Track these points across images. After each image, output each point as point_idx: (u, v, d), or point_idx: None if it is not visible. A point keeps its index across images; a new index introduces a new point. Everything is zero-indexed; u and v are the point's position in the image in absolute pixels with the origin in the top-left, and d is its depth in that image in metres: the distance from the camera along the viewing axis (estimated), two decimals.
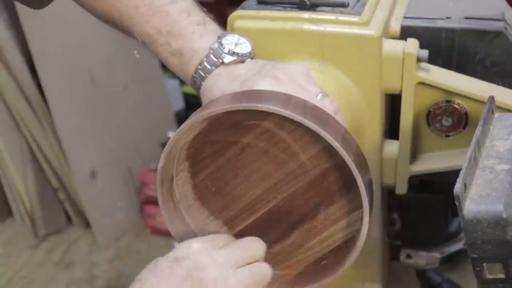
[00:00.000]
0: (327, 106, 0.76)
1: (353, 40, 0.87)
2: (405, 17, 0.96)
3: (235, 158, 0.75)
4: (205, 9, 0.87)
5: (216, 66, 0.81)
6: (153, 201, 2.31)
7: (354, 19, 0.88)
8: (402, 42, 0.89)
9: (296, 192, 0.74)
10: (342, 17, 0.88)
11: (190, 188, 0.78)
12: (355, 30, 0.87)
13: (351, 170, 0.68)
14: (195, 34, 0.82)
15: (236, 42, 0.82)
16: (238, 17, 0.91)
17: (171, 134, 2.16)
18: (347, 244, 0.76)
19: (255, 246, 0.73)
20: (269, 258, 0.75)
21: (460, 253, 1.47)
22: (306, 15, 0.89)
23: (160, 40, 0.84)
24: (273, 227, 0.77)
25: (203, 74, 0.81)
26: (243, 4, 0.94)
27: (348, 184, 0.71)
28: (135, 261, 2.26)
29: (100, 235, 2.33)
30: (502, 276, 0.66)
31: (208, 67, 0.81)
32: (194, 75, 0.82)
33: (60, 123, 2.20)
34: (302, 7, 0.90)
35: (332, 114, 0.73)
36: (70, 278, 2.22)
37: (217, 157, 0.76)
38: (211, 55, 0.81)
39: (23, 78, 2.22)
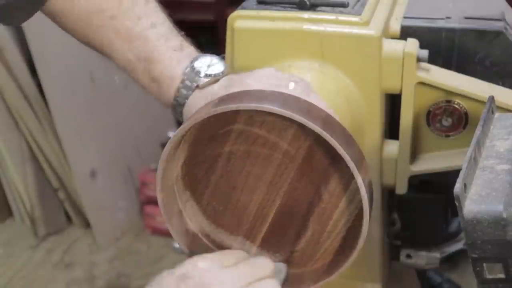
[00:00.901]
0: (297, 89, 0.77)
1: (353, 40, 0.87)
2: (405, 17, 0.96)
3: (225, 171, 0.76)
4: (183, 33, 0.88)
5: (192, 90, 0.82)
6: (153, 201, 2.31)
7: (354, 19, 0.88)
8: (402, 42, 0.89)
9: (293, 182, 0.74)
10: (342, 17, 0.88)
11: (201, 215, 0.79)
12: (355, 30, 0.87)
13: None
14: (172, 60, 0.84)
15: (208, 64, 0.83)
16: (238, 17, 0.91)
17: (171, 134, 2.16)
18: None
19: (263, 266, 0.71)
20: (299, 256, 0.76)
21: (460, 253, 1.47)
22: (306, 15, 0.89)
23: (139, 66, 0.85)
24: (289, 224, 0.76)
25: (181, 100, 0.83)
26: (243, 4, 0.94)
27: (334, 156, 0.70)
28: (135, 261, 2.27)
29: (100, 235, 2.33)
30: (502, 276, 0.66)
31: (184, 92, 0.82)
32: (173, 102, 0.84)
33: (60, 123, 2.20)
34: (302, 7, 0.90)
35: (302, 96, 0.74)
36: (70, 278, 2.22)
37: (209, 176, 0.77)
38: (186, 81, 0.82)
39: (23, 78, 2.22)
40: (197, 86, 0.82)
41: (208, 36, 2.95)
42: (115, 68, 0.93)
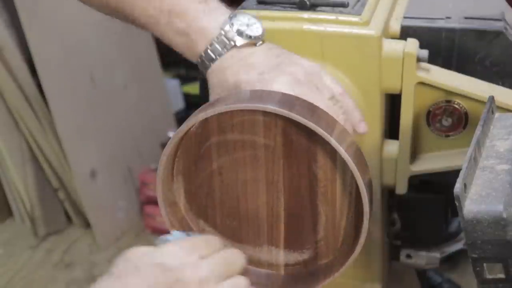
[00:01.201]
0: (338, 112, 0.76)
1: (353, 40, 0.87)
2: (405, 17, 0.96)
3: (223, 186, 0.76)
4: None
5: (228, 49, 0.78)
6: (153, 201, 2.31)
7: (354, 19, 0.88)
8: (402, 42, 0.89)
9: (286, 171, 0.74)
10: (342, 17, 0.88)
11: (222, 237, 0.78)
12: (355, 30, 0.87)
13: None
14: (198, 11, 0.80)
15: (247, 23, 0.80)
16: None
17: (171, 134, 2.16)
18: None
19: (236, 259, 0.68)
20: (324, 245, 0.76)
21: (460, 253, 1.47)
22: (306, 15, 0.89)
23: (163, 20, 0.81)
24: (302, 215, 0.76)
25: (213, 56, 0.79)
26: (243, 4, 0.94)
27: (309, 132, 0.70)
28: None
29: (100, 235, 2.33)
30: (502, 276, 0.66)
31: (219, 48, 0.78)
32: (203, 55, 0.79)
33: (60, 123, 2.20)
34: (302, 7, 0.90)
35: (342, 121, 0.74)
36: (70, 278, 2.22)
37: (212, 198, 0.77)
38: (222, 37, 0.78)
39: (23, 78, 2.22)
40: (235, 45, 0.78)
41: None
42: (115, 68, 0.92)
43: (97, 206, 2.32)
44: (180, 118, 2.66)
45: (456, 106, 0.91)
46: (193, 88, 2.76)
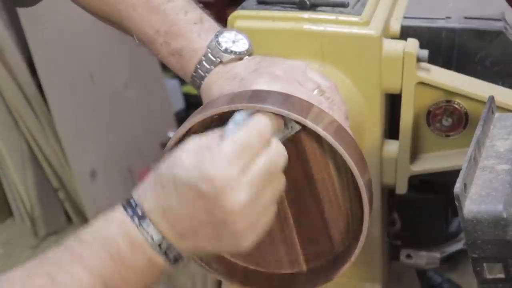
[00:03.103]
0: (323, 101, 0.76)
1: (353, 40, 0.87)
2: (405, 17, 0.96)
3: None
4: (201, 5, 0.87)
5: (215, 65, 0.81)
6: None
7: (354, 19, 0.88)
8: (402, 42, 0.89)
9: None
10: (342, 17, 0.88)
11: (245, 264, 0.80)
12: (355, 30, 0.87)
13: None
14: (193, 33, 0.83)
15: (233, 39, 0.82)
16: (238, 17, 0.91)
17: (171, 134, 2.16)
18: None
19: (279, 155, 0.65)
20: (338, 237, 0.76)
21: (460, 253, 1.47)
22: (306, 15, 0.89)
23: (159, 40, 0.84)
24: (308, 206, 0.76)
25: (202, 73, 0.82)
26: (243, 4, 0.94)
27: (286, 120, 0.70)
28: None
29: None
30: (502, 276, 0.66)
31: (207, 66, 0.81)
32: (194, 74, 0.83)
33: (60, 123, 2.20)
34: (302, 7, 0.90)
35: (326, 110, 0.73)
36: None
37: None
38: (209, 54, 0.81)
39: (23, 78, 2.22)
40: (221, 62, 0.81)
41: None
42: (115, 68, 0.93)
43: (97, 206, 2.32)
44: (180, 118, 2.66)
45: (456, 106, 0.91)
46: (193, 88, 2.76)
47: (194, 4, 0.86)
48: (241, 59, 0.81)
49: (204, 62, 0.81)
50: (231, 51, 0.81)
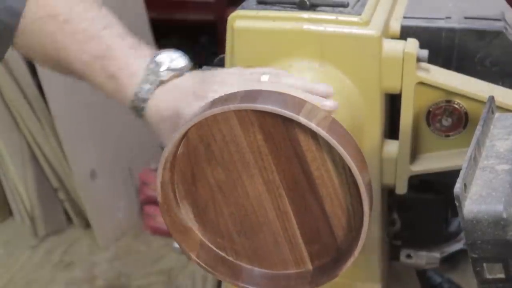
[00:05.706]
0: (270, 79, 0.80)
1: (353, 40, 0.87)
2: (405, 17, 0.96)
3: (226, 199, 0.77)
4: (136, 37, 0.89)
5: (156, 85, 0.82)
6: (153, 201, 2.31)
7: (354, 19, 0.88)
8: (402, 42, 0.89)
9: (278, 166, 0.74)
10: (342, 17, 0.88)
11: (254, 266, 0.80)
12: (355, 30, 0.87)
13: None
14: (129, 57, 0.84)
15: (171, 58, 0.83)
16: (238, 17, 0.91)
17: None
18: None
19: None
20: (341, 232, 0.76)
21: (460, 253, 1.47)
22: (306, 15, 0.89)
23: (96, 65, 0.84)
24: (308, 204, 0.76)
25: (145, 96, 0.82)
26: (243, 4, 0.94)
27: (283, 119, 0.70)
28: (135, 261, 2.26)
29: (100, 235, 2.33)
30: (502, 276, 0.66)
31: (147, 87, 0.82)
32: (134, 98, 0.83)
33: (60, 123, 2.20)
34: (302, 7, 0.90)
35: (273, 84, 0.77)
36: (70, 278, 2.22)
37: (222, 213, 0.78)
38: (149, 75, 0.82)
39: (23, 78, 2.22)
40: (161, 81, 0.82)
41: (208, 36, 2.95)
42: None
43: (97, 206, 2.32)
44: None
45: (456, 106, 0.91)
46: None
47: (131, 33, 0.87)
48: (180, 75, 0.83)
49: (144, 84, 0.82)
50: (172, 69, 0.82)
